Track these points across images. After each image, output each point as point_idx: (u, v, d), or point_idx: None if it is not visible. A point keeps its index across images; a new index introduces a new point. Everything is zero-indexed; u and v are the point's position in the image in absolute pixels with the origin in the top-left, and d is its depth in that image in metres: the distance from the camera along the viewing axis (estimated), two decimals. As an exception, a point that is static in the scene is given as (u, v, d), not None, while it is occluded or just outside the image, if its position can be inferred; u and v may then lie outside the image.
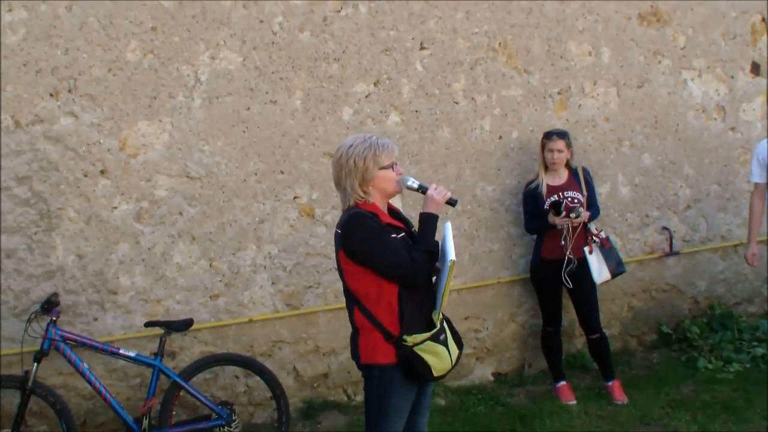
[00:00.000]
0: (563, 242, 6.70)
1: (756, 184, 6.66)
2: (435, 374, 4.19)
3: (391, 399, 4.22)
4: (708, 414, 6.46)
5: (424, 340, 4.13)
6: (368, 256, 4.12)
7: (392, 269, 4.11)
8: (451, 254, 4.17)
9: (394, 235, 4.19)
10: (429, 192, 4.29)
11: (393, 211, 4.42)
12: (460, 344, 4.37)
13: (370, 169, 4.18)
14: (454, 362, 4.28)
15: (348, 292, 4.28)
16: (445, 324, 4.31)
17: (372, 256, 4.12)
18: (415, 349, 4.11)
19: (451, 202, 4.36)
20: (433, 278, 4.37)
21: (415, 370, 4.13)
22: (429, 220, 4.26)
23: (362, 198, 4.23)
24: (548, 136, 6.84)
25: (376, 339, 4.17)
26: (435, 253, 4.26)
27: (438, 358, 4.17)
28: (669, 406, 6.67)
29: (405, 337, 4.11)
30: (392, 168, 4.24)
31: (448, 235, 4.33)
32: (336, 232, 4.28)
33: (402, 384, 4.20)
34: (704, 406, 6.59)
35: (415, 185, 4.34)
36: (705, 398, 6.75)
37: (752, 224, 6.73)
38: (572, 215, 6.59)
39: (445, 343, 4.21)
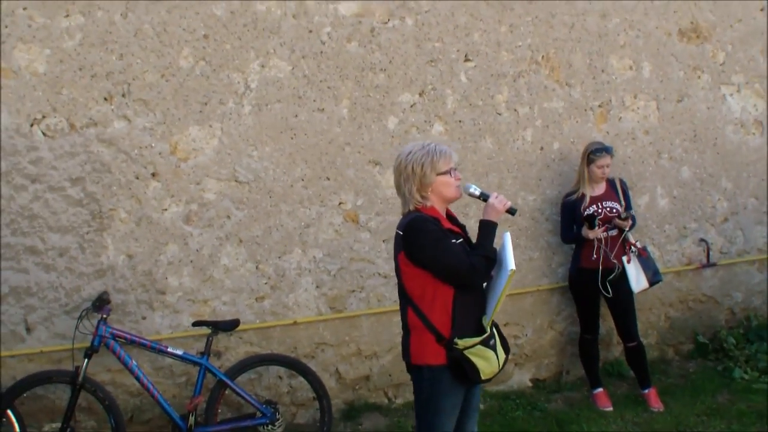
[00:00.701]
0: (594, 255, 6.54)
1: None
2: (483, 377, 4.13)
3: (441, 399, 4.16)
4: (743, 422, 6.19)
5: (475, 344, 4.08)
6: (429, 257, 4.07)
7: (452, 272, 4.06)
8: (511, 264, 4.10)
9: (453, 240, 4.13)
10: (490, 200, 4.26)
11: (451, 217, 4.37)
12: (506, 349, 4.33)
13: (427, 175, 4.13)
14: (501, 366, 4.23)
15: (403, 293, 4.22)
16: (494, 329, 4.25)
17: (433, 258, 4.06)
18: (466, 352, 4.06)
19: (511, 211, 4.30)
20: (484, 284, 4.29)
21: (464, 372, 4.08)
22: (489, 227, 4.23)
23: (421, 202, 4.18)
24: (597, 152, 6.60)
25: (427, 340, 4.12)
26: (493, 259, 4.19)
27: (487, 362, 4.11)
28: (704, 414, 6.40)
29: (456, 339, 4.06)
30: (450, 174, 4.18)
31: (507, 244, 4.24)
32: (397, 233, 4.22)
33: (452, 385, 4.13)
34: (739, 415, 6.31)
35: (477, 192, 4.31)
36: (740, 407, 6.47)
37: None
38: (622, 215, 6.51)
39: (494, 348, 4.17)
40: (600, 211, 6.56)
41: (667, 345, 7.77)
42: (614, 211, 6.57)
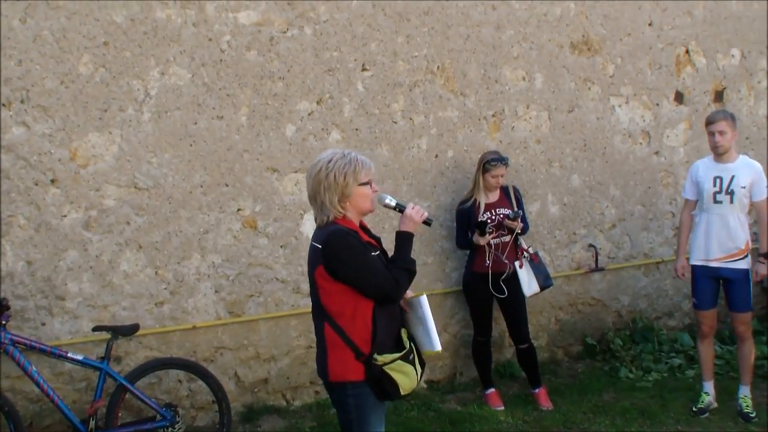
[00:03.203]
0: (487, 262, 7.00)
1: (686, 201, 6.94)
2: (403, 392, 4.13)
3: (370, 415, 4.17)
4: (626, 418, 6.80)
5: (395, 360, 4.09)
6: (351, 274, 4.04)
7: (375, 287, 4.05)
8: (437, 343, 4.24)
9: (373, 253, 4.14)
10: (407, 211, 4.26)
11: (365, 228, 4.33)
12: (422, 363, 4.29)
13: (349, 185, 4.09)
14: (419, 380, 4.25)
15: (320, 309, 4.18)
16: (412, 344, 4.26)
17: (355, 274, 4.04)
18: (385, 368, 4.06)
19: (428, 222, 4.36)
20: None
21: (383, 388, 4.08)
22: (406, 239, 4.26)
23: (341, 213, 4.14)
24: (493, 161, 6.99)
25: (347, 356, 4.09)
26: (413, 271, 4.26)
27: (407, 377, 4.11)
28: (591, 411, 6.98)
29: (376, 355, 4.05)
30: (370, 185, 4.18)
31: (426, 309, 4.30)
32: (314, 246, 4.15)
33: (375, 400, 4.15)
34: (623, 412, 6.93)
35: (393, 203, 4.34)
36: (624, 404, 7.08)
37: (681, 238, 6.98)
38: (510, 215, 6.95)
39: (413, 363, 4.17)
40: (494, 217, 7.03)
41: (557, 346, 8.36)
42: (507, 218, 7.05)
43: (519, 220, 6.98)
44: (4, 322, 5.63)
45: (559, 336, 8.35)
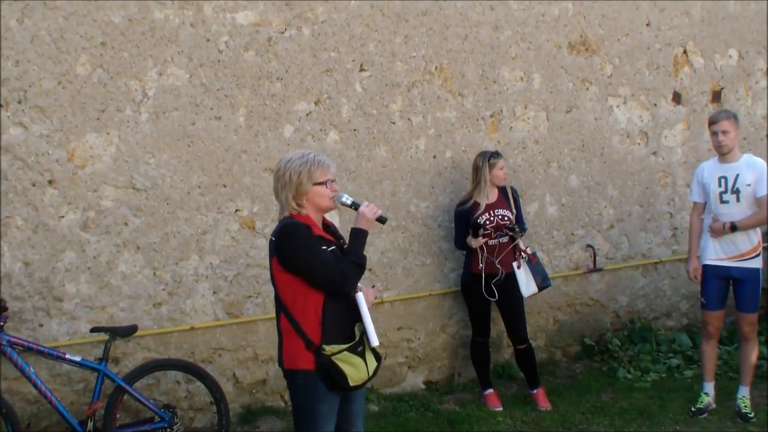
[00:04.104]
0: (481, 264, 7.04)
1: (695, 203, 6.97)
2: (351, 383, 4.33)
3: (317, 404, 4.36)
4: (624, 419, 6.85)
5: (342, 351, 4.30)
6: (299, 264, 4.28)
7: (322, 278, 4.27)
8: (375, 339, 4.41)
9: (324, 247, 4.36)
10: (361, 209, 4.48)
11: (327, 225, 4.61)
12: (378, 357, 4.55)
13: (303, 184, 4.36)
14: (371, 373, 4.45)
15: (277, 299, 4.44)
16: (365, 337, 4.45)
17: (303, 265, 4.28)
18: (333, 358, 4.28)
19: (381, 220, 4.56)
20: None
21: (332, 378, 4.29)
22: (359, 235, 4.47)
23: (296, 210, 4.40)
24: (496, 156, 7.14)
25: (298, 345, 4.32)
26: (363, 266, 4.46)
27: (354, 368, 4.33)
28: (589, 412, 7.02)
29: (324, 346, 4.28)
30: (326, 185, 4.42)
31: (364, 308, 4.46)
32: (270, 239, 4.44)
33: (325, 390, 4.34)
34: (621, 412, 6.97)
35: (349, 201, 4.51)
36: (623, 405, 7.13)
37: (691, 241, 7.01)
38: (512, 231, 7.00)
39: (362, 355, 4.39)
40: (492, 218, 7.07)
41: (556, 347, 8.40)
42: (506, 218, 7.10)
43: (519, 233, 7.06)
44: (1, 323, 5.67)
45: (558, 336, 8.40)
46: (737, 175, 6.60)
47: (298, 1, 6.85)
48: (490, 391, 7.31)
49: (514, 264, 7.08)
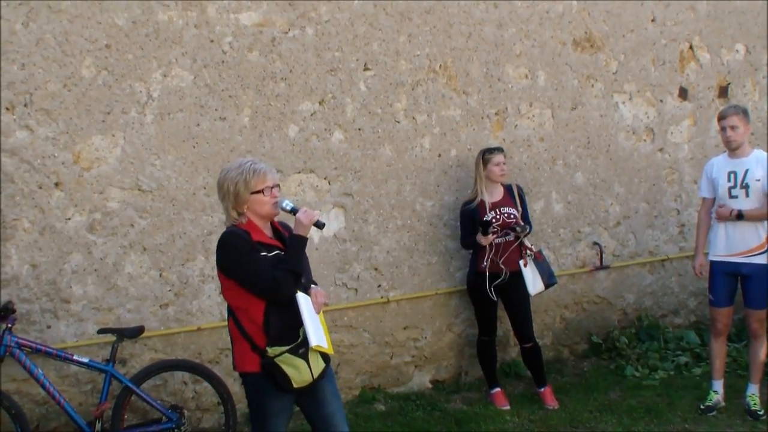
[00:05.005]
0: (485, 262, 7.07)
1: (703, 199, 7.01)
2: (294, 385, 4.45)
3: (266, 404, 4.52)
4: (633, 417, 6.88)
5: (283, 353, 4.41)
6: (234, 272, 4.43)
7: (255, 285, 4.39)
8: (313, 339, 4.43)
9: (264, 254, 4.46)
10: (298, 215, 4.54)
11: (276, 230, 4.72)
12: (326, 359, 4.65)
13: (241, 194, 4.48)
14: (315, 375, 4.52)
15: (227, 304, 4.60)
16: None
17: (237, 272, 4.42)
18: (276, 360, 4.40)
19: (318, 225, 4.60)
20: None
21: (276, 380, 4.43)
22: (296, 241, 4.54)
23: (237, 219, 4.53)
24: (491, 151, 7.19)
25: (245, 348, 4.48)
26: (299, 273, 4.50)
27: (296, 370, 4.43)
28: (597, 410, 7.06)
29: (267, 348, 4.40)
30: (263, 192, 4.50)
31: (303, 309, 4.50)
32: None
33: (273, 390, 4.48)
34: (629, 410, 7.01)
35: (288, 207, 4.60)
36: (631, 403, 7.17)
37: (699, 237, 7.06)
38: (518, 229, 7.02)
39: (304, 357, 4.47)
40: (498, 217, 7.11)
41: (563, 345, 8.46)
42: (512, 217, 7.14)
43: (526, 231, 7.09)
44: (10, 325, 5.75)
45: (565, 334, 8.45)
46: (747, 171, 6.65)
47: (302, 1, 6.92)
48: (497, 389, 7.35)
49: (521, 262, 7.11)
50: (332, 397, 4.75)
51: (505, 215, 7.14)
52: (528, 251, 7.17)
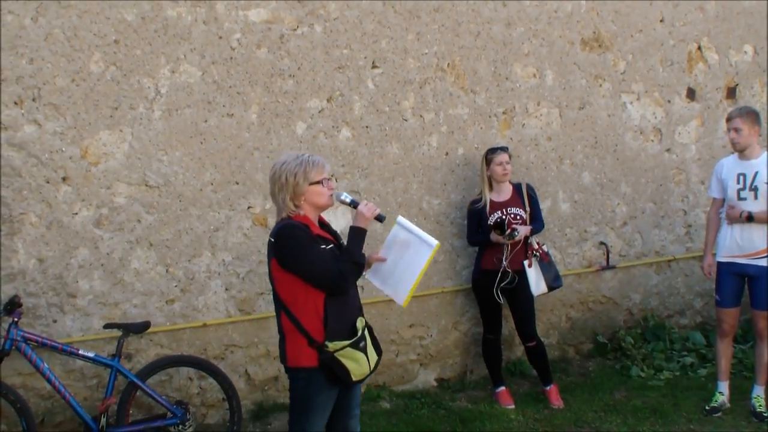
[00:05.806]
0: (499, 260, 7.07)
1: (713, 199, 7.03)
2: (354, 379, 4.51)
3: (315, 398, 4.53)
4: (638, 417, 6.89)
5: (345, 347, 4.44)
6: (297, 264, 4.42)
7: (319, 277, 4.42)
8: (431, 239, 4.63)
9: (323, 246, 4.49)
10: (359, 207, 4.64)
11: (324, 224, 4.76)
12: (379, 351, 4.72)
13: (300, 185, 4.50)
14: (372, 368, 4.63)
15: (277, 299, 4.58)
16: (366, 332, 4.64)
17: (301, 265, 4.42)
18: (336, 354, 4.42)
19: (380, 218, 4.69)
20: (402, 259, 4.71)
21: (335, 374, 4.45)
22: (358, 233, 4.61)
23: (294, 211, 4.54)
24: (494, 151, 7.19)
25: (300, 343, 4.47)
26: (361, 264, 4.59)
27: (357, 363, 4.49)
28: (602, 410, 7.08)
29: (327, 343, 4.42)
30: (322, 183, 4.55)
31: (408, 225, 4.73)
32: (269, 240, 4.57)
33: (325, 386, 4.51)
34: (635, 410, 7.02)
35: (348, 200, 4.70)
36: (636, 403, 7.18)
37: (708, 237, 7.08)
38: (510, 237, 6.94)
39: (364, 350, 4.54)
40: (504, 216, 7.12)
41: (568, 345, 8.46)
42: (518, 218, 7.16)
43: (520, 232, 7.01)
44: (16, 319, 5.76)
45: (570, 334, 8.45)
46: (756, 173, 6.65)
47: (311, -1, 6.95)
48: (502, 388, 7.36)
49: (525, 262, 7.11)
50: (357, 392, 4.86)
51: (511, 215, 7.14)
52: (534, 251, 7.16)
